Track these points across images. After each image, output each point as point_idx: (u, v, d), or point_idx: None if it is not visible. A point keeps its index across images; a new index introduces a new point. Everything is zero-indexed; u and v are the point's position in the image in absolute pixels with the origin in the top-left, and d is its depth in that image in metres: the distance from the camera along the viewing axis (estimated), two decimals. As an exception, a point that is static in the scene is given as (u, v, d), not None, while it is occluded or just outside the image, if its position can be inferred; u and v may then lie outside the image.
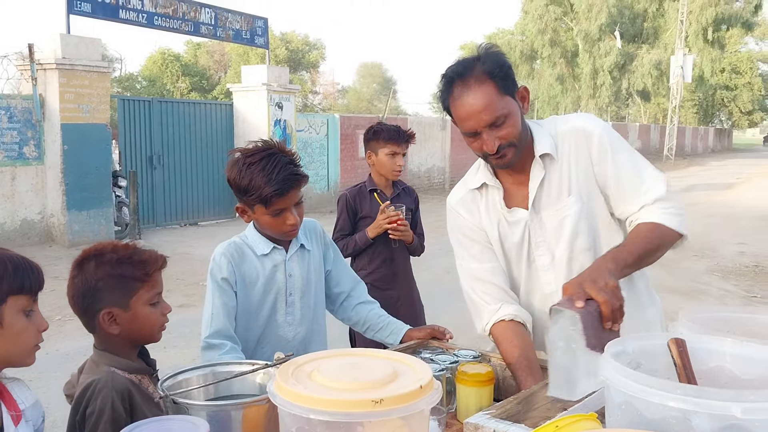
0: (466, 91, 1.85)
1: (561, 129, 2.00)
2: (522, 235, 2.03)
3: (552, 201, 1.99)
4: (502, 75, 1.85)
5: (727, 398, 1.08)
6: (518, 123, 1.89)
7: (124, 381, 1.52)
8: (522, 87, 1.93)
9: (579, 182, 1.97)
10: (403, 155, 3.53)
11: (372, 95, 49.78)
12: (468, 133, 1.89)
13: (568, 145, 1.97)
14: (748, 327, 1.61)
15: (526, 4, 40.40)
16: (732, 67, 50.76)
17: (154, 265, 1.62)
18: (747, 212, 14.90)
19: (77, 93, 10.26)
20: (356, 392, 1.17)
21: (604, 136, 1.95)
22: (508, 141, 1.87)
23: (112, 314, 1.58)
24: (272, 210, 2.08)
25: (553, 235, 2.00)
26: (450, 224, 2.15)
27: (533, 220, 2.01)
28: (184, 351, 5.56)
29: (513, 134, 1.87)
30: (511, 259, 2.08)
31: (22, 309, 1.41)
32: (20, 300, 1.41)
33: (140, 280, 1.60)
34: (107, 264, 1.59)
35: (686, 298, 7.52)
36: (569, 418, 1.16)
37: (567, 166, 1.97)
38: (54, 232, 10.39)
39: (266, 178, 2.03)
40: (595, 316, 1.53)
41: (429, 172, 19.81)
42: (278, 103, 14.30)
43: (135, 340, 1.64)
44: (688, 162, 35.56)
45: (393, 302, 3.34)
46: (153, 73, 37.24)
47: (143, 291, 1.61)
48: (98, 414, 1.46)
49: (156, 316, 1.64)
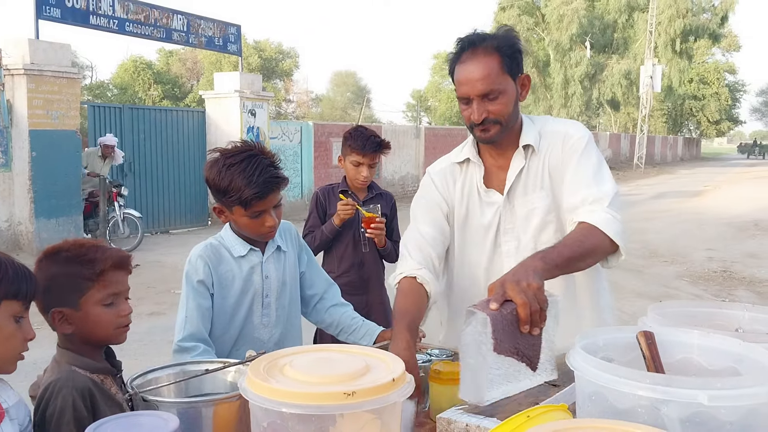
0: (472, 57, 1.92)
1: (548, 128, 2.08)
2: (492, 218, 2.09)
3: (527, 191, 2.05)
4: (509, 53, 1.93)
5: (695, 386, 1.10)
6: (510, 104, 1.95)
7: (84, 380, 1.49)
8: (525, 75, 2.01)
9: (551, 179, 2.03)
10: (371, 166, 3.41)
11: (346, 104, 49.83)
12: (461, 98, 1.97)
13: (549, 143, 2.05)
14: (713, 320, 1.64)
15: (499, 15, 40.78)
16: (700, 77, 51.75)
17: (103, 263, 1.56)
18: (715, 219, 15.16)
19: (46, 99, 10.11)
20: (328, 385, 1.17)
21: (580, 140, 2.02)
22: (495, 117, 1.94)
23: (63, 314, 1.54)
24: (251, 212, 2.06)
25: (522, 224, 2.05)
26: (420, 191, 2.19)
27: (506, 207, 2.07)
28: (155, 359, 5.48)
29: (502, 112, 1.93)
30: (472, 242, 2.13)
31: (13, 315, 1.38)
32: (13, 305, 1.38)
33: (90, 280, 1.55)
34: (58, 262, 1.55)
35: (656, 302, 7.60)
36: (540, 409, 1.17)
37: (544, 162, 2.04)
38: (21, 240, 10.20)
39: (247, 180, 2.00)
40: (509, 320, 1.46)
41: (403, 180, 19.86)
42: (251, 110, 14.24)
43: (91, 340, 1.59)
44: (658, 170, 36.12)
45: (363, 308, 3.27)
46: (124, 81, 36.85)
47: (94, 291, 1.55)
48: (59, 414, 1.43)
49: (109, 317, 1.57)
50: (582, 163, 1.99)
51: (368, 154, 3.37)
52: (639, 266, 9.58)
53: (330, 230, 3.42)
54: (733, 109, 59.17)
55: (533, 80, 40.27)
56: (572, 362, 1.25)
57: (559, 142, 2.04)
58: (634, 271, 9.24)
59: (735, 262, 10.17)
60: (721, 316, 1.68)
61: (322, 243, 3.46)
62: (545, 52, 41.04)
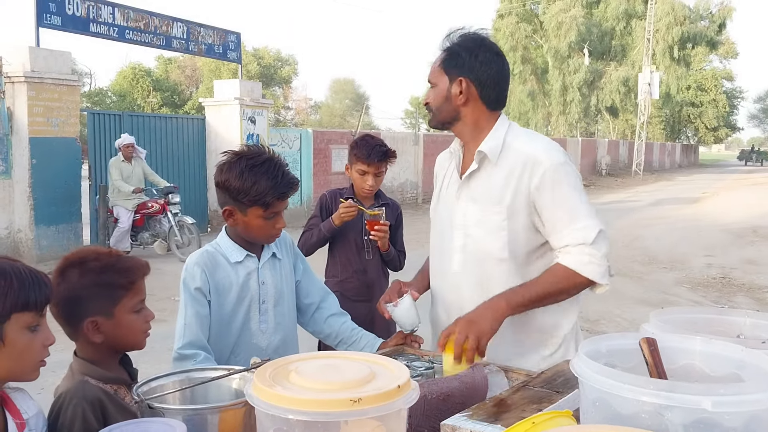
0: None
1: (516, 145, 2.10)
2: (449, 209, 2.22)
3: (482, 199, 2.12)
4: (448, 52, 2.14)
5: (698, 392, 1.10)
6: (439, 97, 2.15)
7: (95, 390, 1.50)
8: (461, 78, 2.10)
9: (512, 199, 2.06)
10: (377, 175, 3.41)
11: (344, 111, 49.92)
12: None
13: (514, 162, 2.07)
14: (715, 327, 1.65)
15: (497, 22, 40.90)
16: (697, 84, 51.89)
17: (138, 272, 1.61)
18: (714, 225, 15.18)
19: (46, 106, 10.13)
20: (334, 392, 1.18)
21: (551, 170, 2.02)
22: (430, 105, 2.20)
23: (96, 323, 1.56)
24: (269, 213, 2.11)
25: (471, 227, 2.14)
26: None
27: (459, 203, 2.17)
28: (155, 366, 5.43)
29: (432, 102, 2.18)
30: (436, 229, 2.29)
31: (27, 326, 1.35)
32: (24, 317, 1.34)
33: (124, 288, 1.58)
34: (92, 272, 1.56)
35: (655, 309, 7.59)
36: (544, 415, 1.18)
37: (505, 180, 2.07)
38: (21, 248, 10.19)
39: (273, 181, 2.08)
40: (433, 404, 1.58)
41: (402, 187, 19.87)
42: (251, 117, 14.26)
43: (118, 347, 1.62)
44: (656, 177, 36.16)
45: (366, 315, 3.25)
46: (123, 88, 36.92)
47: (127, 299, 1.59)
48: (69, 425, 1.43)
49: (139, 323, 1.63)
50: (556, 198, 2.02)
51: (373, 163, 3.37)
52: (638, 273, 9.60)
53: (328, 229, 3.38)
54: (731, 116, 59.34)
55: (531, 87, 40.44)
56: (576, 368, 1.26)
57: (528, 167, 2.04)
58: (633, 278, 9.25)
59: (734, 269, 10.19)
60: (723, 323, 1.69)
61: (318, 241, 3.42)
62: (543, 59, 41.15)
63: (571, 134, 39.16)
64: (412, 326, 2.17)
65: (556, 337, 2.14)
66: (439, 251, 2.26)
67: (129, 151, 10.64)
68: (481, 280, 2.11)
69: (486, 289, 2.06)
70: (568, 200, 2.02)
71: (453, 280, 2.19)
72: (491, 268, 2.09)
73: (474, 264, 2.13)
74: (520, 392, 1.66)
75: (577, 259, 1.97)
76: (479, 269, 2.12)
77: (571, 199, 2.02)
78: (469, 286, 2.14)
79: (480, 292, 2.06)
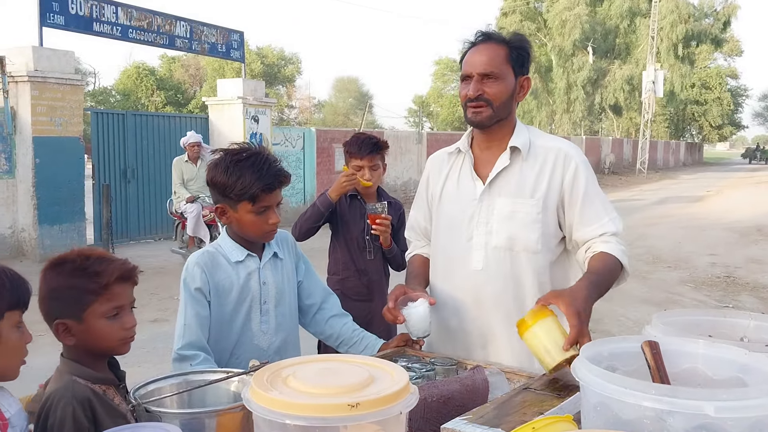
0: (483, 44, 2.11)
1: (540, 141, 2.17)
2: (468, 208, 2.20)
3: (514, 194, 2.12)
4: (517, 48, 2.10)
5: (701, 397, 1.09)
6: (504, 93, 2.09)
7: (84, 390, 1.48)
8: (527, 77, 2.15)
9: (546, 192, 2.11)
10: (373, 168, 3.37)
11: (348, 109, 49.90)
12: (462, 78, 2.11)
13: (544, 157, 2.13)
14: (718, 329, 1.63)
15: (501, 20, 40.87)
16: (702, 82, 51.72)
17: (108, 276, 1.53)
18: (718, 224, 15.13)
19: (50, 106, 10.14)
20: (332, 397, 1.16)
21: (582, 167, 2.13)
22: (488, 97, 2.07)
23: (66, 325, 1.52)
24: (258, 207, 2.10)
25: (499, 222, 2.12)
26: (422, 177, 2.43)
27: (483, 201, 2.15)
28: (158, 366, 5.47)
29: (495, 96, 2.07)
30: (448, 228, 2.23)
31: (16, 324, 1.40)
32: (15, 315, 1.40)
33: (94, 293, 1.52)
34: (63, 274, 1.53)
35: (659, 308, 7.58)
36: (545, 420, 1.16)
37: (537, 173, 2.12)
38: (25, 247, 10.22)
39: (257, 174, 2.07)
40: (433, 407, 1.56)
41: (405, 186, 19.86)
42: (254, 116, 14.26)
43: (95, 351, 1.57)
44: (660, 175, 36.09)
45: (366, 315, 3.23)
46: (127, 87, 36.95)
47: (97, 304, 1.52)
48: (59, 424, 1.42)
49: (113, 329, 1.55)
50: (588, 194, 2.11)
51: (365, 156, 3.35)
52: (642, 272, 9.57)
53: (324, 203, 3.33)
54: (736, 114, 59.13)
55: (535, 85, 40.35)
56: (577, 373, 1.24)
57: (560, 160, 2.12)
58: (637, 277, 9.22)
59: (738, 268, 10.15)
60: (726, 325, 1.68)
61: (312, 215, 3.35)
62: (547, 57, 41.07)
63: (575, 133, 39.09)
64: (424, 333, 2.12)
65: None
66: (449, 251, 2.23)
67: (195, 151, 9.54)
68: (511, 275, 2.12)
69: (518, 283, 2.11)
70: (599, 194, 2.13)
71: (472, 281, 2.16)
72: (524, 261, 2.11)
73: (501, 260, 2.12)
74: (521, 395, 1.65)
75: (617, 248, 2.04)
76: (508, 264, 2.11)
77: (600, 193, 2.14)
78: (494, 283, 2.13)
79: (509, 287, 2.11)
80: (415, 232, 2.44)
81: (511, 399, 1.61)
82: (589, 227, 2.09)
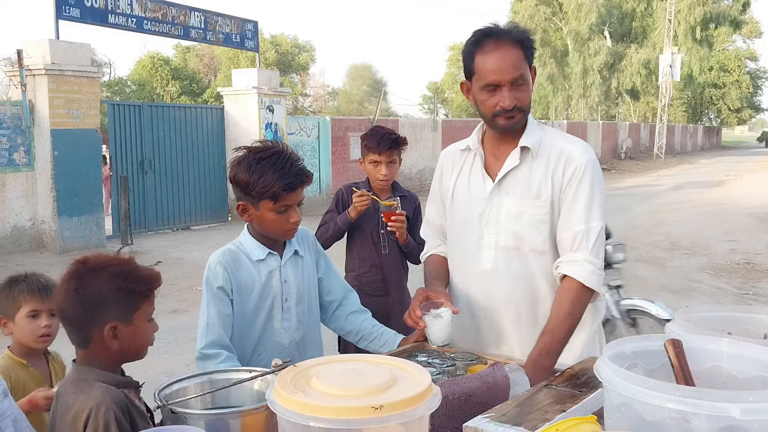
0: (499, 46, 2.02)
1: (550, 140, 2.13)
2: (478, 207, 2.17)
3: (522, 194, 2.10)
4: (528, 45, 2.07)
5: (726, 399, 1.08)
6: (530, 92, 2.09)
7: (119, 395, 1.51)
8: (533, 67, 2.12)
9: (551, 193, 2.08)
10: (390, 163, 3.39)
11: (362, 97, 49.74)
12: (489, 85, 2.03)
13: (549, 156, 2.10)
14: (743, 325, 1.62)
15: (516, 5, 40.49)
16: (720, 65, 51.04)
17: (157, 282, 1.64)
18: (737, 209, 14.96)
19: (67, 98, 10.21)
20: (356, 399, 1.17)
21: (581, 167, 2.07)
22: (521, 104, 2.04)
23: (116, 328, 1.56)
24: (279, 206, 2.10)
25: (508, 222, 2.11)
26: (435, 171, 2.40)
27: (492, 200, 2.14)
28: (178, 357, 5.53)
29: (525, 99, 2.06)
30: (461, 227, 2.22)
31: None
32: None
33: (144, 296, 1.60)
34: (117, 277, 1.57)
35: (678, 296, 7.54)
36: (570, 421, 1.16)
37: (543, 174, 2.09)
38: (45, 239, 10.33)
39: (279, 173, 2.07)
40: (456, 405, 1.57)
41: (420, 174, 19.83)
42: (269, 106, 14.28)
43: (128, 355, 1.62)
44: (678, 160, 35.73)
45: (384, 309, 3.26)
46: (142, 78, 37.04)
47: (145, 306, 1.61)
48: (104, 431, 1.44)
49: (151, 332, 1.65)
50: (578, 192, 2.06)
51: (384, 151, 3.36)
52: (661, 259, 9.50)
53: (343, 221, 3.40)
54: (755, 97, 58.26)
55: (551, 70, 40.04)
56: (601, 373, 1.24)
57: (562, 161, 2.09)
58: (656, 264, 9.16)
59: (758, 254, 10.03)
60: (750, 321, 1.66)
61: (334, 234, 3.44)
62: (563, 42, 40.65)
63: (591, 118, 38.75)
64: (444, 342, 2.10)
65: (581, 333, 2.12)
66: (462, 250, 2.23)
67: None
68: (521, 275, 2.11)
69: (528, 283, 2.11)
70: (585, 198, 2.06)
71: (483, 280, 2.16)
72: (533, 261, 2.11)
73: (510, 260, 2.12)
74: (543, 392, 1.65)
75: (583, 269, 2.01)
76: (516, 264, 2.11)
77: (587, 198, 2.06)
78: (502, 283, 2.13)
79: (518, 287, 2.11)
80: (431, 228, 2.42)
81: (533, 396, 1.61)
82: (562, 234, 2.07)
